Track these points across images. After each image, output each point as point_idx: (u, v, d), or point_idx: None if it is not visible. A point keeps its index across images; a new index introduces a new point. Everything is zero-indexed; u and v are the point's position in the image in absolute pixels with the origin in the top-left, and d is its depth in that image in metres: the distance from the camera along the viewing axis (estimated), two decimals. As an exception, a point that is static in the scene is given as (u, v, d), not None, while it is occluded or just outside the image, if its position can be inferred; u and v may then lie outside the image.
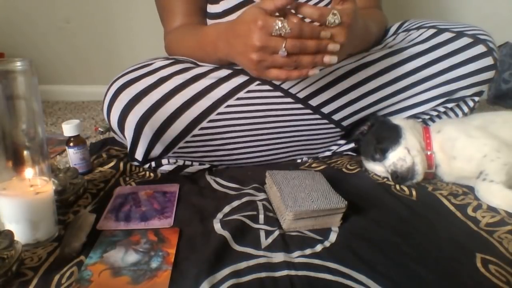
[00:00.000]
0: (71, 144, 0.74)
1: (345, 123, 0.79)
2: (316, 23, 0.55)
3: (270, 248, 0.51)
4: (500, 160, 0.65)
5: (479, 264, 0.49)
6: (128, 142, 0.71)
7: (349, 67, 0.75)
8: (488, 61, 0.76)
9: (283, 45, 0.53)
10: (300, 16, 0.55)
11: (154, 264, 0.48)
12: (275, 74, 0.57)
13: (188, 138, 0.71)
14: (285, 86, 0.73)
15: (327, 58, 0.55)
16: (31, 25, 1.48)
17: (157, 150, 0.71)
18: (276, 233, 0.54)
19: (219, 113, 0.71)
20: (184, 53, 0.77)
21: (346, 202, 0.56)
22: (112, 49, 1.53)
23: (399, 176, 0.69)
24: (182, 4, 0.80)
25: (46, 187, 0.52)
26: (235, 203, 0.63)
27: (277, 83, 0.73)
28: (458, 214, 0.61)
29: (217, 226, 0.56)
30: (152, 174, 0.76)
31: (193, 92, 0.69)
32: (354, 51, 0.76)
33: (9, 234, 0.47)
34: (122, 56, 1.52)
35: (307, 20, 0.55)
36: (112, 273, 0.47)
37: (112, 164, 0.77)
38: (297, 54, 0.55)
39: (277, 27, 0.53)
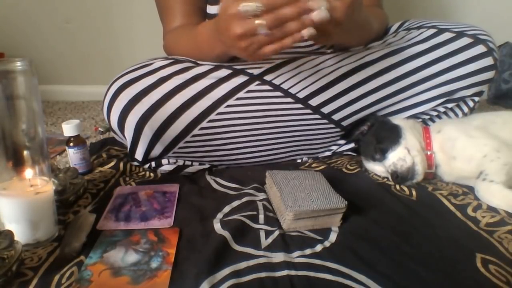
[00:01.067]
0: (71, 144, 0.74)
1: (345, 123, 0.78)
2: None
3: (270, 248, 0.51)
4: (500, 160, 0.65)
5: (479, 264, 0.49)
6: (128, 142, 0.71)
7: (349, 67, 0.75)
8: (488, 61, 0.76)
9: (262, 23, 0.51)
10: None
11: (154, 264, 0.48)
12: (270, 50, 0.55)
13: (188, 138, 0.71)
14: (285, 86, 0.73)
15: (316, 15, 0.50)
16: (31, 25, 1.48)
17: (157, 150, 0.71)
18: (276, 233, 0.54)
19: (219, 113, 0.71)
20: (182, 53, 0.77)
21: (346, 202, 0.56)
22: (112, 49, 1.53)
23: (399, 176, 0.69)
24: (181, 4, 0.80)
25: (46, 187, 0.52)
26: (235, 203, 0.63)
27: (277, 83, 0.73)
28: (458, 214, 0.61)
29: (217, 226, 0.56)
30: (152, 174, 0.76)
31: (193, 92, 0.69)
32: (353, 42, 0.76)
33: (9, 234, 0.47)
34: (122, 56, 1.52)
35: None
36: (112, 273, 0.47)
37: (112, 164, 0.77)
38: (282, 24, 0.52)
39: (246, 9, 0.51)
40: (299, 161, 0.82)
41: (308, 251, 0.51)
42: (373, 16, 0.78)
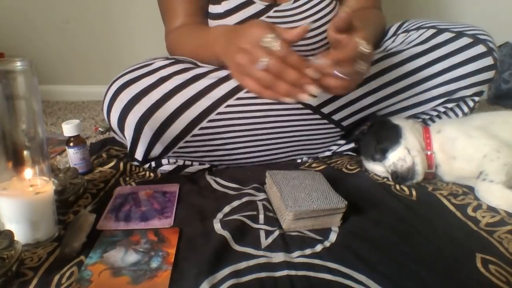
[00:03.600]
0: (71, 144, 0.74)
1: (345, 123, 0.79)
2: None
3: (270, 248, 0.51)
4: (500, 160, 0.65)
5: (479, 264, 0.49)
6: (128, 142, 0.71)
7: (349, 67, 0.75)
8: (488, 61, 0.76)
9: (265, 59, 0.50)
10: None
11: (154, 264, 0.48)
12: (250, 85, 0.54)
13: (188, 138, 0.71)
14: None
15: (304, 96, 0.51)
16: (31, 25, 1.48)
17: (157, 150, 0.71)
18: (276, 233, 0.54)
19: (219, 113, 0.71)
20: (184, 52, 0.77)
21: (346, 202, 0.56)
22: (112, 49, 1.53)
23: (399, 176, 0.69)
24: (183, 3, 0.80)
25: (46, 187, 0.52)
26: (235, 203, 0.63)
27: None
28: (458, 214, 0.61)
29: (217, 226, 0.56)
30: (152, 174, 0.76)
31: (193, 92, 0.69)
32: None
33: (9, 234, 0.47)
34: (122, 56, 1.52)
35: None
36: (112, 273, 0.47)
37: (112, 164, 0.77)
38: (275, 76, 0.51)
39: (267, 39, 0.51)
40: (299, 161, 0.82)
41: (308, 251, 0.51)
42: (371, 21, 0.78)
